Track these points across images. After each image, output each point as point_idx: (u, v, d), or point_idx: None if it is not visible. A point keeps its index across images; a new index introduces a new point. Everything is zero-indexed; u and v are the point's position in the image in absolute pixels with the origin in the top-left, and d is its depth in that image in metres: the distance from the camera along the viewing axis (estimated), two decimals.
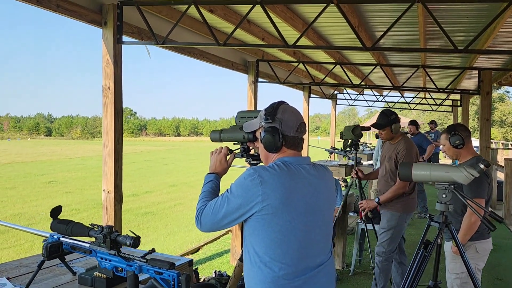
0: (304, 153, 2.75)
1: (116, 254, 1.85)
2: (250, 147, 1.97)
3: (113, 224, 4.07)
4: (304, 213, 1.65)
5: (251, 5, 3.59)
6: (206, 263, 5.53)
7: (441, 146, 3.25)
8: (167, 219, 10.02)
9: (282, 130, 1.69)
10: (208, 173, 1.92)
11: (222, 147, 1.93)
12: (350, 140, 4.40)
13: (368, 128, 4.87)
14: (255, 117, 1.99)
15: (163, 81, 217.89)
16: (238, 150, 1.97)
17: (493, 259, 5.26)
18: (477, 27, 4.77)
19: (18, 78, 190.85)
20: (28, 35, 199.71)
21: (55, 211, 2.03)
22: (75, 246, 1.96)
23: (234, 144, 1.96)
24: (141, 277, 1.90)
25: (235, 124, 2.03)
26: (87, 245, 1.93)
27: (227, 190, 1.68)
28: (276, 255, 1.62)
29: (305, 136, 1.83)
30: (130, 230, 1.92)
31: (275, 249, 1.62)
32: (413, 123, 8.42)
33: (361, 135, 4.51)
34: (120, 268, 1.84)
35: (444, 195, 2.47)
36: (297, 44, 3.79)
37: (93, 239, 1.92)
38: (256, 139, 1.83)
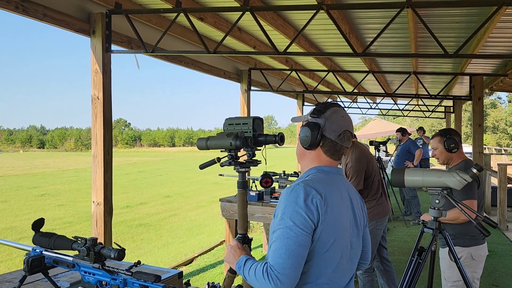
0: None
1: (100, 267, 1.78)
2: (238, 155, 1.92)
3: (103, 237, 4.00)
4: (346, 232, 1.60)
5: (241, 13, 3.57)
6: (200, 274, 5.44)
7: (431, 150, 3.21)
8: (161, 230, 9.90)
9: (323, 129, 1.60)
10: (237, 264, 1.63)
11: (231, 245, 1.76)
12: None
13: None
14: (244, 124, 1.95)
15: (158, 92, 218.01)
16: (226, 158, 1.92)
17: (489, 265, 5.21)
18: (467, 32, 4.77)
19: (10, 90, 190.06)
20: (21, 45, 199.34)
21: (37, 224, 1.96)
22: (57, 260, 1.89)
23: (221, 151, 1.91)
24: None
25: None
26: (70, 258, 1.86)
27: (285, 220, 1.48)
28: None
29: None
30: (114, 242, 1.86)
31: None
32: (399, 130, 8.46)
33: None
34: (104, 282, 1.78)
35: (437, 201, 2.42)
36: (287, 51, 3.76)
37: (77, 252, 1.86)
38: (243, 145, 1.79)
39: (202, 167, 1.99)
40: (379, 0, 3.62)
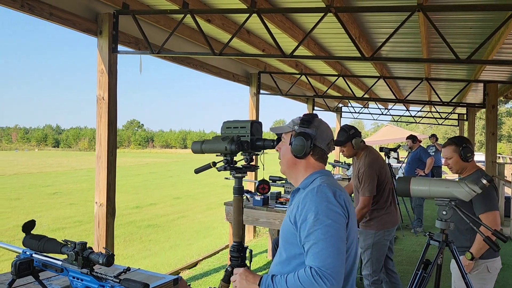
0: None
1: (89, 273, 1.73)
2: (234, 159, 1.85)
3: (104, 238, 3.96)
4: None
5: (248, 14, 3.52)
6: (203, 278, 5.37)
7: (444, 159, 3.05)
8: (170, 232, 9.88)
9: (314, 138, 1.67)
10: (263, 285, 1.55)
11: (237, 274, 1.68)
12: None
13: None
14: (241, 127, 1.90)
15: (171, 94, 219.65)
16: (222, 163, 1.85)
17: (500, 278, 5.04)
18: (481, 37, 4.65)
19: (27, 89, 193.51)
20: (37, 46, 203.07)
21: (28, 226, 1.92)
22: (46, 264, 1.84)
23: (217, 155, 1.84)
24: None
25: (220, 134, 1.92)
26: (60, 262, 1.81)
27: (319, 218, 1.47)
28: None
29: None
30: (103, 247, 1.81)
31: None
32: (410, 137, 8.28)
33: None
34: None
35: (444, 212, 2.32)
36: (295, 54, 3.69)
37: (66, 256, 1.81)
38: (238, 150, 1.74)
39: (198, 171, 1.93)
40: (389, 3, 3.53)
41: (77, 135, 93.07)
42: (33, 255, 1.89)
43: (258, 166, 1.99)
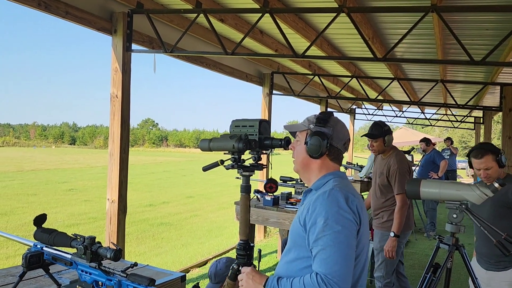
0: None
1: (97, 267, 1.75)
2: (242, 158, 1.85)
3: (116, 234, 4.01)
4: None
5: (260, 14, 3.53)
6: None
7: (480, 170, 2.65)
8: (182, 230, 9.95)
9: (331, 138, 1.62)
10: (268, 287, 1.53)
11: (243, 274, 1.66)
12: None
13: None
14: (250, 126, 1.89)
15: (185, 93, 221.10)
16: (229, 162, 1.86)
17: None
18: (498, 39, 4.56)
19: (46, 87, 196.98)
20: (54, 45, 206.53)
21: (39, 219, 1.96)
22: (56, 257, 1.88)
23: (224, 153, 1.85)
24: None
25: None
26: (69, 256, 1.85)
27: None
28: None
29: None
30: (111, 242, 1.83)
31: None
32: (423, 140, 8.17)
33: None
34: (100, 283, 1.75)
35: (454, 215, 2.29)
36: (307, 54, 3.69)
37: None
38: (246, 148, 1.73)
39: (205, 169, 1.94)
40: (402, 3, 3.50)
41: (93, 133, 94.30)
42: (44, 248, 1.93)
43: (266, 165, 1.99)
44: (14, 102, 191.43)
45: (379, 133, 3.53)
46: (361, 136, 4.44)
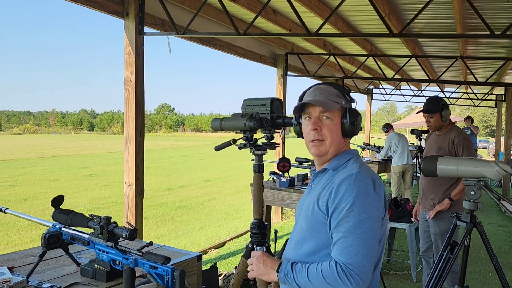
0: None
1: (113, 246, 1.79)
2: (254, 137, 1.84)
3: (134, 217, 4.08)
4: None
5: None
6: (230, 258, 5.47)
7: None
8: (200, 213, 10.08)
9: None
10: (281, 272, 1.43)
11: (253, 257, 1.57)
12: None
13: None
14: (262, 105, 1.87)
15: (202, 78, 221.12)
16: (242, 140, 1.85)
17: None
18: None
19: (64, 75, 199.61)
20: (71, 33, 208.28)
21: (57, 201, 2.00)
22: (74, 237, 1.92)
23: (236, 132, 1.84)
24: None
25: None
26: (86, 236, 1.88)
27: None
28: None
29: None
30: (127, 222, 1.86)
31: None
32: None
33: None
34: (117, 261, 1.79)
35: (472, 192, 2.25)
36: (320, 32, 3.61)
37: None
38: (257, 127, 1.72)
39: (218, 148, 1.94)
40: None
41: (111, 119, 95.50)
42: (62, 228, 1.97)
43: (279, 144, 1.97)
44: (33, 89, 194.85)
45: (436, 108, 3.35)
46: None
